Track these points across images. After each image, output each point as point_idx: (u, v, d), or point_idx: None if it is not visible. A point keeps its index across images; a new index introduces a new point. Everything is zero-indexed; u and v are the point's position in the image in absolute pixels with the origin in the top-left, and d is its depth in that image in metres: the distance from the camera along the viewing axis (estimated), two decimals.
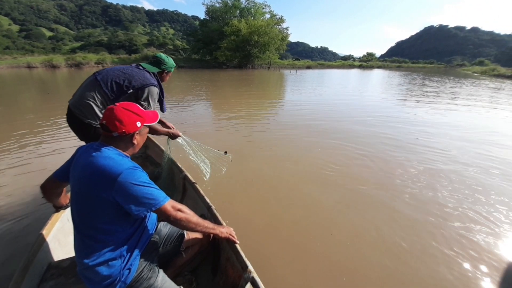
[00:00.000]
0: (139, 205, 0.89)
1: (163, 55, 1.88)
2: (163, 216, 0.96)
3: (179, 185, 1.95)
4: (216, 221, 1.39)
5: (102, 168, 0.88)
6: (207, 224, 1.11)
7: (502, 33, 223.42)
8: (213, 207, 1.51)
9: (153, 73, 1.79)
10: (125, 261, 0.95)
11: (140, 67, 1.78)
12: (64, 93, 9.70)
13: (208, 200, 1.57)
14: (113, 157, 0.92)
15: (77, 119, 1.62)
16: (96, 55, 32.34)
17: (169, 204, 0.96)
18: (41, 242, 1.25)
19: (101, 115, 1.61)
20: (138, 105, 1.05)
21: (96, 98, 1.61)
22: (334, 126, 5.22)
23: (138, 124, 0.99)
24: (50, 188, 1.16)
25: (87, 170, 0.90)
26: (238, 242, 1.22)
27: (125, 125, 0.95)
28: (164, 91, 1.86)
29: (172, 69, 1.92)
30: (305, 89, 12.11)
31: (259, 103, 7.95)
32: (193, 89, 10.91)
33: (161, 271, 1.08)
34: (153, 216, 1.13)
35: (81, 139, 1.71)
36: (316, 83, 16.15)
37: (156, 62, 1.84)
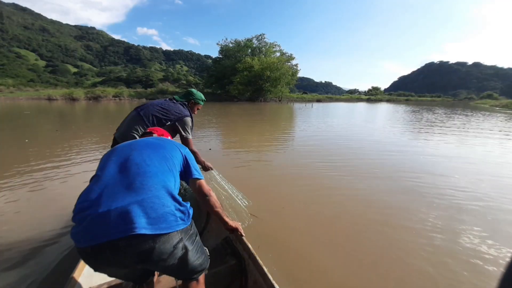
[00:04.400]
0: (195, 168, 1.17)
1: (193, 90, 2.14)
2: (200, 187, 1.14)
3: (204, 211, 2.11)
4: (241, 242, 1.49)
5: (173, 142, 1.19)
6: (224, 213, 1.24)
7: (506, 66, 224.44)
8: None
9: (185, 104, 2.03)
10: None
11: (174, 101, 2.01)
12: (72, 131, 9.32)
13: None
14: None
15: None
16: (114, 89, 34.00)
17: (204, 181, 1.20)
18: (82, 267, 1.33)
19: None
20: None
21: (139, 130, 1.81)
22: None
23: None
24: None
25: (160, 141, 1.16)
26: (244, 234, 1.34)
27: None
28: (193, 120, 2.06)
29: (201, 102, 2.14)
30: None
31: (289, 141, 7.23)
32: (206, 123, 10.41)
33: None
34: None
35: None
36: (351, 119, 15.04)
37: (186, 94, 2.11)
